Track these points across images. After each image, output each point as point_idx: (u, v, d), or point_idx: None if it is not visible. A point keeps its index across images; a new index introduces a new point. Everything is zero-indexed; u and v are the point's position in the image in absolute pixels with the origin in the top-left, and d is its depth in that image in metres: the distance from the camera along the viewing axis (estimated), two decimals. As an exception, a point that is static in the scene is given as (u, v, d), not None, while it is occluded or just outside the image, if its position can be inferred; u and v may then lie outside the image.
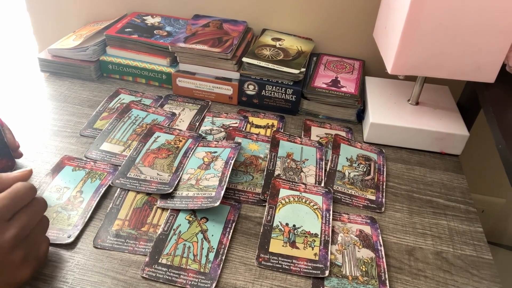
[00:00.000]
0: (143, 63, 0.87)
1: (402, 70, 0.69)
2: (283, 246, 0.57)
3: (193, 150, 0.70)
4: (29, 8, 1.04)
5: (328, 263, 0.55)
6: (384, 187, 0.68)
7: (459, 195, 0.69)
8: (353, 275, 0.54)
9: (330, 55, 0.94)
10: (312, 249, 0.56)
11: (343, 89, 0.82)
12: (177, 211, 0.60)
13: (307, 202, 0.63)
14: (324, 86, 0.82)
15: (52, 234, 0.56)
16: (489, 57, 0.66)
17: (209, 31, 0.88)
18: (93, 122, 0.76)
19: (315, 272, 0.54)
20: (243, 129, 0.78)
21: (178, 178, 0.64)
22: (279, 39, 0.91)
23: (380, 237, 0.59)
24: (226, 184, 0.62)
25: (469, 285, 0.55)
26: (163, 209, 0.61)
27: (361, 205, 0.65)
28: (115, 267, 0.53)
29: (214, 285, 0.51)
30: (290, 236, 0.58)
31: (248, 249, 0.57)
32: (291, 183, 0.66)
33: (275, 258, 0.55)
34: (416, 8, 0.62)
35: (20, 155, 0.65)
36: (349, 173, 0.70)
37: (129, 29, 0.89)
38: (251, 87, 0.82)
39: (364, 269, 0.55)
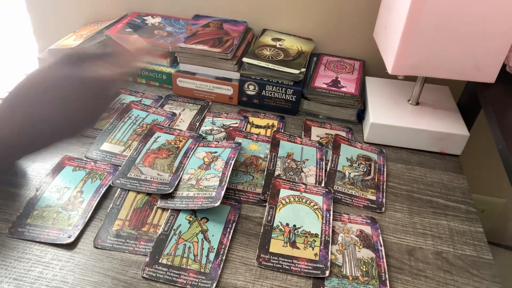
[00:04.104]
0: (143, 63, 0.86)
1: (403, 70, 0.69)
2: (283, 246, 0.57)
3: (193, 150, 0.70)
4: (29, 8, 1.04)
5: (329, 263, 0.55)
6: (384, 187, 0.68)
7: (459, 195, 0.69)
8: (354, 275, 0.54)
9: (330, 55, 0.94)
10: (313, 249, 0.56)
11: (343, 89, 0.82)
12: (177, 211, 0.60)
13: (308, 202, 0.63)
14: (324, 86, 0.82)
15: (53, 234, 0.56)
16: (489, 57, 0.66)
17: (210, 31, 0.88)
18: (93, 122, 0.76)
19: (316, 272, 0.54)
20: (243, 129, 0.78)
21: (179, 178, 0.64)
22: (279, 39, 0.91)
23: (380, 237, 0.59)
24: (226, 184, 0.62)
25: (470, 285, 0.55)
26: (164, 209, 0.61)
27: (362, 205, 0.65)
28: (115, 267, 0.53)
29: (214, 285, 0.51)
30: (291, 236, 0.58)
31: (249, 249, 0.57)
32: (291, 183, 0.66)
33: (275, 258, 0.55)
34: (416, 8, 0.62)
35: (20, 156, 0.65)
36: (349, 173, 0.70)
37: (130, 29, 0.89)
38: (251, 87, 0.82)
39: (364, 269, 0.55)
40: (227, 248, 0.56)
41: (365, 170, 0.71)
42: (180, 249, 0.55)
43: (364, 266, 0.55)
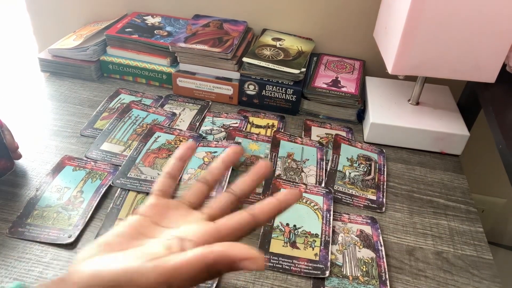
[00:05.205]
0: (143, 63, 0.87)
1: (403, 70, 0.69)
2: (283, 246, 0.57)
3: (193, 150, 0.70)
4: (29, 8, 1.04)
5: (329, 263, 0.55)
6: (384, 187, 0.68)
7: (459, 195, 0.69)
8: (354, 275, 0.54)
9: (331, 55, 0.94)
10: (313, 249, 0.56)
11: (344, 89, 0.82)
12: (177, 211, 0.60)
13: (308, 202, 0.63)
14: (325, 86, 0.82)
15: (53, 234, 0.56)
16: (489, 57, 0.66)
17: (210, 31, 0.88)
18: (93, 122, 0.76)
19: (316, 272, 0.54)
20: (244, 129, 0.78)
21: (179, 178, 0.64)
22: (279, 39, 0.91)
23: (380, 237, 0.59)
24: (226, 184, 0.62)
25: (470, 285, 0.55)
26: (164, 209, 0.60)
27: (362, 205, 0.65)
28: (115, 267, 0.53)
29: (215, 285, 0.51)
30: (291, 236, 0.58)
31: (249, 249, 0.57)
32: (291, 183, 0.66)
33: (275, 258, 0.55)
34: (416, 8, 0.62)
35: (19, 156, 0.65)
36: (349, 173, 0.70)
37: (130, 29, 0.89)
38: (251, 87, 0.82)
39: (364, 269, 0.55)
40: (227, 248, 0.56)
41: (365, 170, 0.71)
42: (180, 249, 0.55)
43: (364, 266, 0.55)
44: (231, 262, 0.30)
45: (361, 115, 0.82)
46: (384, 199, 0.66)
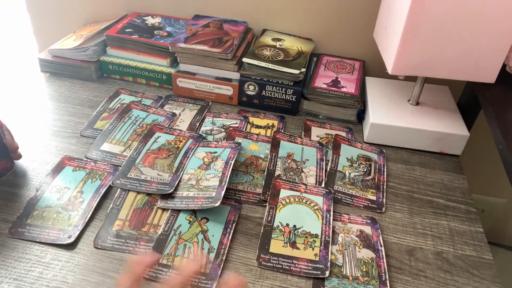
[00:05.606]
0: (143, 64, 0.87)
1: (403, 71, 0.69)
2: (283, 246, 0.57)
3: (193, 151, 0.70)
4: (29, 8, 1.04)
5: (329, 264, 0.55)
6: (384, 187, 0.68)
7: (459, 195, 0.69)
8: (354, 275, 0.54)
9: (330, 56, 0.94)
10: (313, 250, 0.56)
11: (344, 90, 0.82)
12: (177, 211, 0.60)
13: (308, 202, 0.63)
14: (324, 86, 0.82)
15: (53, 234, 0.56)
16: (489, 58, 0.66)
17: (210, 32, 0.88)
18: (93, 122, 0.76)
19: (316, 272, 0.54)
20: (243, 129, 0.78)
21: (179, 179, 0.64)
22: (279, 40, 0.91)
23: (380, 237, 0.59)
24: (226, 184, 0.62)
25: (470, 285, 0.55)
26: (164, 209, 0.61)
27: (362, 205, 0.65)
28: (115, 267, 0.53)
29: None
30: (291, 237, 0.58)
31: (249, 249, 0.57)
32: (291, 183, 0.66)
33: (275, 258, 0.55)
34: (416, 8, 0.62)
35: (19, 157, 0.65)
36: (349, 173, 0.70)
37: (130, 30, 0.89)
38: (251, 87, 0.82)
39: (364, 269, 0.55)
40: (227, 248, 0.56)
41: (365, 170, 0.71)
42: (180, 249, 0.55)
43: (364, 266, 0.55)
44: None
45: (361, 115, 0.82)
46: (384, 200, 0.66)
